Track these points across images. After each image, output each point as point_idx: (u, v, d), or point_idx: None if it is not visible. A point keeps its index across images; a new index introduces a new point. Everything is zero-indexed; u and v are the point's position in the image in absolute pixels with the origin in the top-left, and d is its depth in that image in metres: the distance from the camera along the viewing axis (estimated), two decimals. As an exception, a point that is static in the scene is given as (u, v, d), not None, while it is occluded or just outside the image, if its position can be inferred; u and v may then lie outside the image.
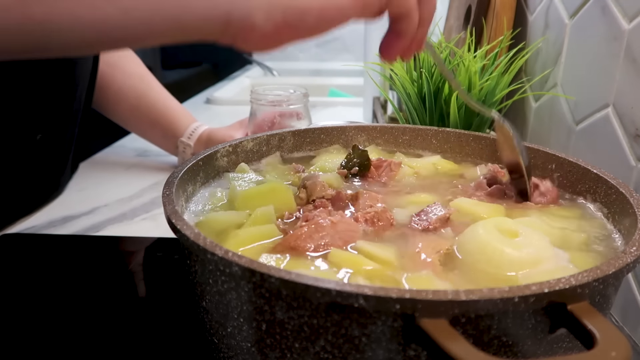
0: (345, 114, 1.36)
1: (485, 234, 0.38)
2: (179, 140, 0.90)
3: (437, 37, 0.84)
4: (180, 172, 0.44)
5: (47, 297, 0.55)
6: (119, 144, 1.08)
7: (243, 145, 0.55)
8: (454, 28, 0.97)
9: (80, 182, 0.87)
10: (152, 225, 0.72)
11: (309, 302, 0.29)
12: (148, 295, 0.57)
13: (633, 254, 0.31)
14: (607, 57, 0.57)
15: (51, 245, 0.67)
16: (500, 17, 0.79)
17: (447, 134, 0.60)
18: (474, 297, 0.26)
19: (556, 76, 0.70)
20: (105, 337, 0.49)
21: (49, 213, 0.75)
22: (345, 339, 0.29)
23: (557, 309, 0.28)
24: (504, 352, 0.29)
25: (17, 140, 0.71)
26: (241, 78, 1.88)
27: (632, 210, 0.39)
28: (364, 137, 0.61)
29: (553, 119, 0.71)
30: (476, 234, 0.38)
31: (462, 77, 0.68)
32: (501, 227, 0.39)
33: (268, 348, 0.32)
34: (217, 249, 0.31)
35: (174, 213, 0.35)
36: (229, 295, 0.32)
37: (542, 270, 0.36)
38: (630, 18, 0.53)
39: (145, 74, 0.93)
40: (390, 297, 0.26)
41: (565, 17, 0.68)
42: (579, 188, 0.48)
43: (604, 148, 0.57)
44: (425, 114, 0.72)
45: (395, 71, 0.74)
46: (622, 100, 0.54)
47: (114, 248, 0.67)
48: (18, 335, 0.49)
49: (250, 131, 0.82)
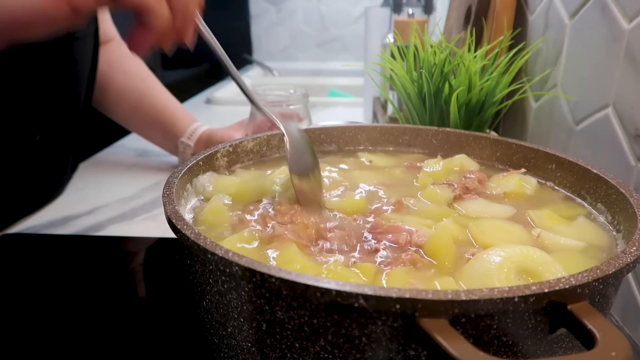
0: (345, 114, 1.36)
1: (497, 273, 0.32)
2: (179, 140, 0.90)
3: (437, 37, 0.84)
4: (180, 172, 0.44)
5: (48, 297, 0.55)
6: (119, 144, 1.08)
7: (243, 145, 0.55)
8: (454, 28, 0.97)
9: (81, 182, 0.87)
10: (152, 225, 0.72)
11: (309, 302, 0.29)
12: (148, 295, 0.57)
13: (633, 254, 0.31)
14: (607, 57, 0.57)
15: (51, 245, 0.67)
16: (500, 17, 0.79)
17: (447, 134, 0.60)
18: (474, 297, 0.26)
19: (556, 76, 0.70)
20: (106, 337, 0.49)
21: (49, 213, 0.75)
22: (345, 339, 0.29)
23: (557, 309, 0.28)
24: (504, 352, 0.29)
25: (16, 140, 0.71)
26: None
27: (632, 210, 0.39)
28: (364, 137, 0.61)
29: (553, 119, 0.71)
30: (488, 268, 0.33)
31: (462, 77, 0.68)
32: (523, 266, 0.33)
33: (268, 348, 0.32)
34: (218, 249, 0.31)
35: (174, 213, 0.35)
36: (229, 295, 0.32)
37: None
38: (630, 18, 0.53)
39: (145, 74, 0.93)
40: (390, 297, 0.26)
41: (565, 17, 0.68)
42: (579, 188, 0.48)
43: (604, 148, 0.57)
44: (425, 114, 0.72)
45: (395, 71, 0.74)
46: (622, 100, 0.54)
47: (115, 248, 0.67)
48: (18, 335, 0.49)
49: (250, 132, 0.82)
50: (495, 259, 0.34)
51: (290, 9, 2.37)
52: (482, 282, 0.33)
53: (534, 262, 0.34)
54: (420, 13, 1.14)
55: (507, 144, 0.56)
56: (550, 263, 0.34)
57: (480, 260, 0.35)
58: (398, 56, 0.76)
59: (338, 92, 1.70)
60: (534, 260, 0.34)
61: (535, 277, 0.33)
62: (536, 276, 0.33)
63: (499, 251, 0.34)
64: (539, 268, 0.33)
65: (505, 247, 0.35)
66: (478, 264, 0.34)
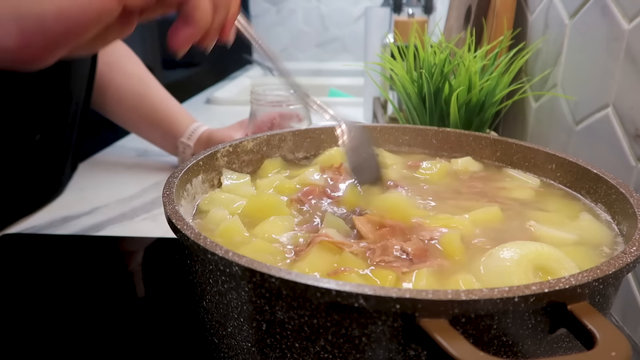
0: (345, 114, 1.36)
1: (516, 270, 0.32)
2: (178, 140, 0.90)
3: (437, 37, 0.84)
4: (180, 172, 0.44)
5: (47, 297, 0.55)
6: (119, 144, 1.08)
7: (243, 145, 0.55)
8: (454, 28, 0.97)
9: (80, 182, 0.87)
10: (152, 225, 0.72)
11: (309, 302, 0.29)
12: (148, 295, 0.57)
13: (633, 254, 0.31)
14: (607, 57, 0.57)
15: (51, 245, 0.67)
16: (500, 17, 0.79)
17: (447, 134, 0.60)
18: (474, 297, 0.26)
19: (556, 76, 0.70)
20: (106, 337, 0.49)
21: (49, 213, 0.75)
22: (345, 339, 0.29)
23: (557, 308, 0.28)
24: (504, 352, 0.29)
25: (16, 140, 0.71)
26: (241, 78, 1.89)
27: (632, 210, 0.39)
28: (364, 137, 0.61)
29: (553, 119, 0.71)
30: (502, 266, 0.32)
31: (462, 77, 0.68)
32: (539, 263, 0.33)
33: (268, 348, 0.32)
34: (218, 248, 0.31)
35: (174, 213, 0.35)
36: (229, 295, 0.32)
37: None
38: (630, 18, 0.53)
39: (145, 74, 0.93)
40: (390, 297, 0.26)
41: (565, 17, 0.68)
42: (579, 188, 0.48)
43: (604, 148, 0.57)
44: (425, 114, 0.72)
45: (395, 71, 0.74)
46: (622, 100, 0.54)
47: (114, 248, 0.67)
48: (18, 335, 0.49)
49: (250, 132, 0.82)
50: (512, 256, 0.33)
51: (290, 9, 2.37)
52: (501, 281, 0.33)
53: (549, 259, 0.34)
54: (420, 13, 1.14)
55: (507, 144, 0.56)
56: (563, 260, 0.34)
57: (496, 259, 0.34)
58: (398, 56, 0.76)
59: (338, 92, 1.70)
60: (549, 258, 0.34)
61: (551, 274, 0.33)
62: (552, 273, 0.33)
63: (515, 249, 0.34)
64: (554, 265, 0.33)
65: (519, 244, 0.35)
66: (493, 262, 0.34)
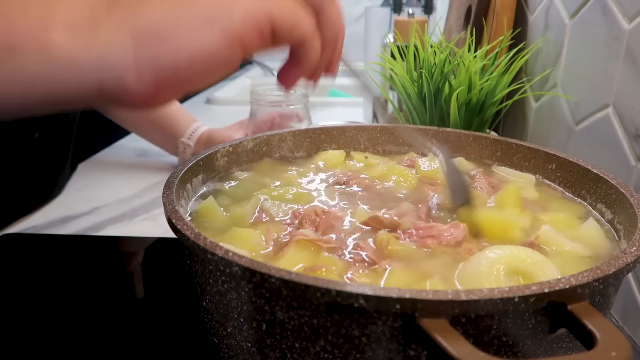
0: (345, 114, 1.36)
1: (487, 273, 0.33)
2: (179, 140, 0.90)
3: (437, 37, 0.84)
4: (180, 172, 0.44)
5: (47, 297, 0.55)
6: (119, 144, 1.08)
7: (243, 145, 0.55)
8: (454, 28, 0.97)
9: (80, 182, 0.87)
10: (152, 225, 0.72)
11: (309, 302, 0.29)
12: (148, 296, 0.57)
13: (633, 254, 0.31)
14: (607, 57, 0.57)
15: (51, 245, 0.67)
16: (500, 17, 0.79)
17: (447, 134, 0.59)
18: (474, 297, 0.26)
19: (556, 76, 0.70)
20: (106, 337, 0.49)
21: (49, 213, 0.75)
22: (345, 339, 0.29)
23: (557, 309, 0.28)
24: (504, 352, 0.29)
25: (15, 139, 0.71)
26: (241, 78, 1.88)
27: (632, 211, 0.39)
28: (364, 137, 0.61)
29: (553, 119, 0.71)
30: (479, 270, 0.33)
31: (462, 77, 0.68)
32: (514, 266, 0.33)
33: (268, 348, 0.32)
34: (217, 249, 0.31)
35: (174, 213, 0.35)
36: (229, 295, 0.32)
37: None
38: (630, 18, 0.53)
39: None
40: (391, 297, 0.26)
41: (566, 17, 0.68)
42: (579, 188, 0.48)
43: (604, 148, 0.57)
44: (425, 114, 0.72)
45: (395, 71, 0.74)
46: (622, 100, 0.54)
47: (114, 248, 0.67)
48: (18, 335, 0.49)
49: (250, 132, 0.82)
50: (485, 261, 0.34)
51: (290, 9, 2.36)
52: (473, 284, 0.33)
53: (524, 262, 0.34)
54: (420, 13, 1.14)
55: (507, 144, 0.56)
56: (542, 262, 0.34)
57: (472, 263, 0.35)
58: (398, 56, 0.76)
59: (338, 92, 1.70)
60: (524, 261, 0.34)
61: (526, 278, 0.33)
62: (527, 277, 0.33)
63: (490, 253, 0.35)
64: (531, 268, 0.33)
65: (496, 248, 0.35)
66: (470, 266, 0.35)
